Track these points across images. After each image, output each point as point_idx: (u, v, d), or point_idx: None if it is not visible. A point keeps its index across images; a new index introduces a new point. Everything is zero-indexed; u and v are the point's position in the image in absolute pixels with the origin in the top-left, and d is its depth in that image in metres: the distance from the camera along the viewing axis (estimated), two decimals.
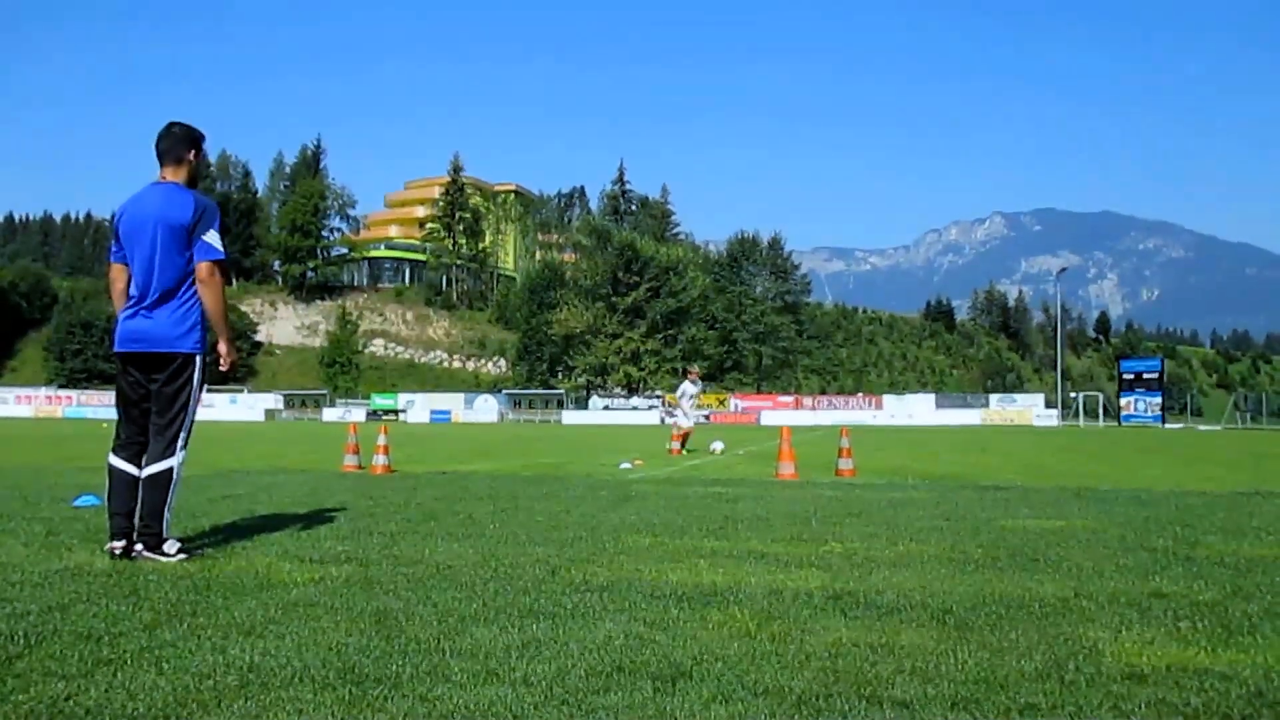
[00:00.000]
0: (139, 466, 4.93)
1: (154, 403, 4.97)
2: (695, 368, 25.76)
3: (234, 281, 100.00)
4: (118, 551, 4.78)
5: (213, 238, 4.97)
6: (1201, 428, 52.67)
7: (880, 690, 2.66)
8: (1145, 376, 59.82)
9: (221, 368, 5.14)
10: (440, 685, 2.68)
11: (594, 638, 3.22)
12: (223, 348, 5.10)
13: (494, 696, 2.58)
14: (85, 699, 2.55)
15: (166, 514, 4.85)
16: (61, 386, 76.29)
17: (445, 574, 4.40)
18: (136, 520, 4.84)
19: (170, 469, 4.88)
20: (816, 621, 3.49)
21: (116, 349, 5.03)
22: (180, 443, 4.95)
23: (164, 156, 5.12)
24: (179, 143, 5.14)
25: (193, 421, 5.04)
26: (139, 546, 4.82)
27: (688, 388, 19.08)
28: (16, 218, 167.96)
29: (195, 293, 4.99)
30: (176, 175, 5.11)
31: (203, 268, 4.94)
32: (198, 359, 5.00)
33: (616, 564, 4.72)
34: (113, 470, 4.96)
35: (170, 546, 4.84)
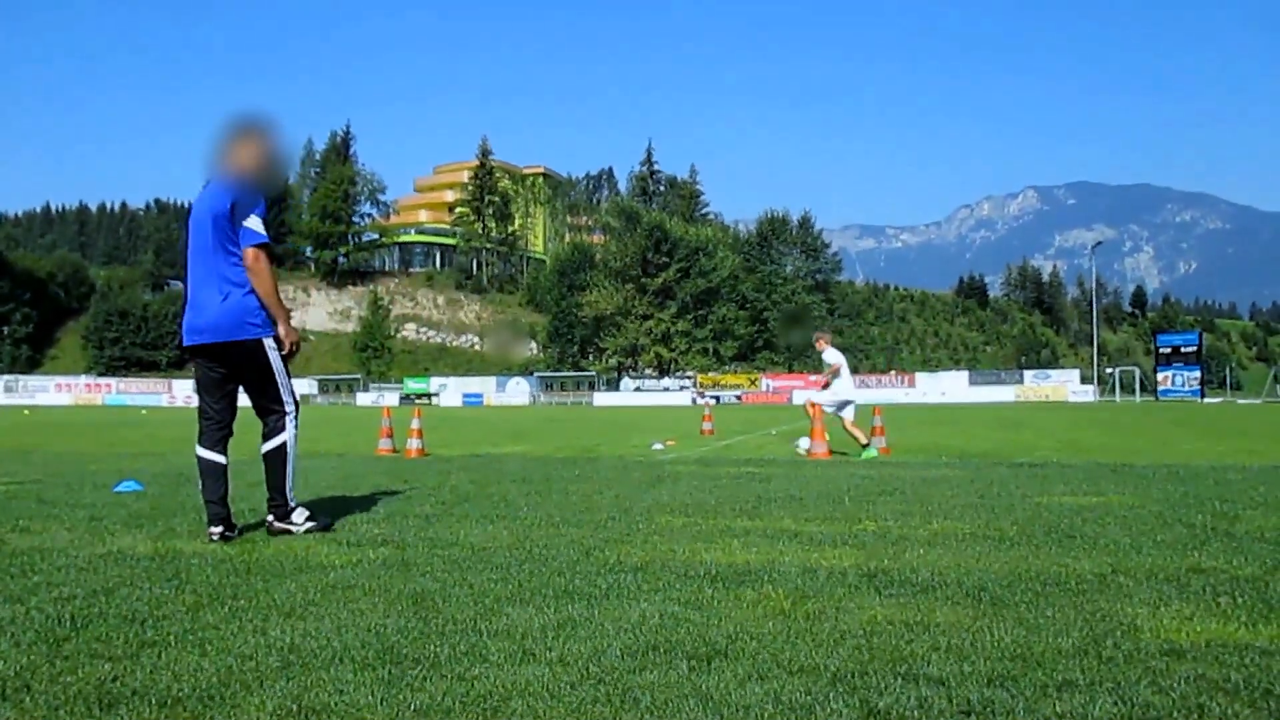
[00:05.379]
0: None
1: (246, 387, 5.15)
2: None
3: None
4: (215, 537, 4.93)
5: (254, 223, 4.92)
6: (1241, 401, 51.91)
7: (916, 667, 2.65)
8: (1183, 350, 58.92)
9: (282, 351, 5.08)
10: (477, 665, 2.71)
11: (629, 617, 3.23)
12: (281, 331, 5.06)
13: (530, 676, 2.60)
14: (131, 680, 2.59)
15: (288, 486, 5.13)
16: (100, 374, 77.49)
17: (480, 555, 4.43)
18: (268, 493, 5.15)
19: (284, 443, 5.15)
20: (851, 600, 3.49)
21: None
22: (288, 417, 5.18)
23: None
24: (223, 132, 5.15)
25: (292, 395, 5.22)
26: (270, 518, 5.11)
27: None
28: (53, 208, 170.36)
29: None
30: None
31: (248, 253, 4.91)
32: (266, 341, 5.01)
33: (650, 544, 4.73)
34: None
35: (299, 516, 5.14)
